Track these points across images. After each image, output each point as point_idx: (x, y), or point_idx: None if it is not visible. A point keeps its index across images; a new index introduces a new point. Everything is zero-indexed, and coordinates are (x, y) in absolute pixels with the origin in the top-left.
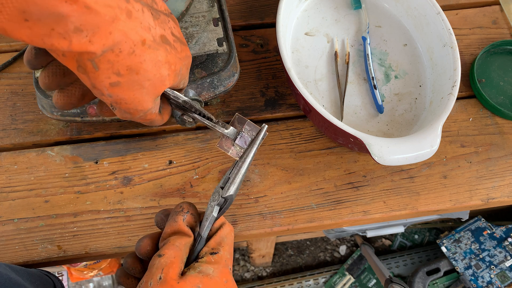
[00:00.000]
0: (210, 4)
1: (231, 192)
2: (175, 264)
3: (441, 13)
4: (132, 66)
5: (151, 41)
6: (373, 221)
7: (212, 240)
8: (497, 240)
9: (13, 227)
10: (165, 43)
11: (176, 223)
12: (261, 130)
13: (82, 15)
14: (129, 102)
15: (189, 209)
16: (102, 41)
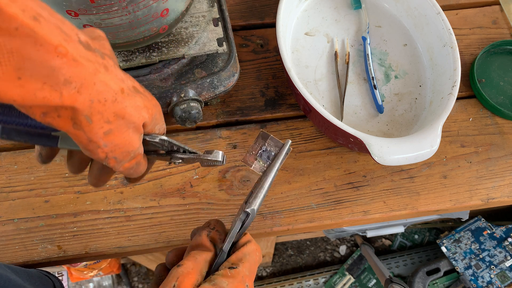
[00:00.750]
0: (210, 4)
1: (254, 207)
2: (191, 275)
3: (441, 13)
4: (118, 112)
5: (128, 89)
6: (373, 221)
7: (233, 255)
8: (497, 240)
9: (13, 227)
10: (138, 92)
11: (200, 237)
12: (285, 146)
13: (70, 68)
14: (122, 146)
15: (215, 225)
16: (88, 91)
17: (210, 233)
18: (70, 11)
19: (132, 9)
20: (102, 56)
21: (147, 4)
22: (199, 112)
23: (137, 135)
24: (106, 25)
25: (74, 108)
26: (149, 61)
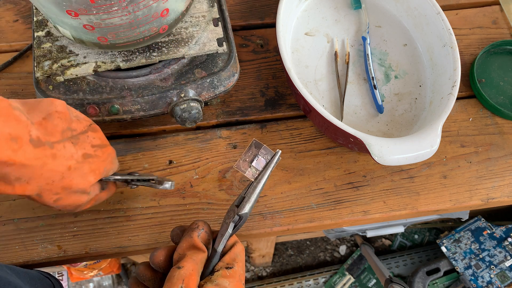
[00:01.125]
0: (210, 4)
1: (246, 210)
2: (193, 276)
3: (441, 13)
4: (65, 186)
5: (75, 164)
6: (373, 221)
7: (227, 256)
8: (497, 240)
9: (13, 227)
10: (88, 158)
11: (192, 238)
12: (275, 155)
13: (19, 170)
14: (70, 204)
15: (203, 227)
16: (36, 181)
17: (200, 234)
18: (70, 11)
19: (132, 9)
20: (51, 145)
21: (147, 4)
22: (199, 112)
23: (85, 196)
24: (106, 25)
25: (26, 190)
26: (149, 61)
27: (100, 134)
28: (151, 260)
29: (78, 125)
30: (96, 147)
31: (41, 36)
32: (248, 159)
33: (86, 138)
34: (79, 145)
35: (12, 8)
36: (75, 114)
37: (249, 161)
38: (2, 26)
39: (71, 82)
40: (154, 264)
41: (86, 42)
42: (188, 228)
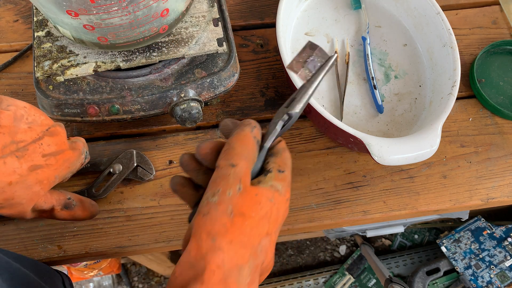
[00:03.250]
0: (210, 4)
1: (297, 110)
2: (248, 175)
3: (441, 13)
4: (6, 198)
5: (17, 178)
6: (373, 221)
7: (279, 158)
8: (497, 240)
9: (13, 227)
10: (36, 169)
11: (245, 133)
12: (331, 58)
13: None
14: (16, 214)
15: (255, 125)
16: None
17: (253, 130)
18: (70, 11)
19: (132, 9)
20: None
21: (147, 4)
22: (199, 112)
23: (30, 207)
24: (106, 25)
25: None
26: (149, 61)
27: (58, 138)
28: (198, 151)
29: (28, 135)
30: (48, 156)
31: (41, 36)
32: (301, 60)
33: (37, 147)
34: (25, 157)
35: (12, 8)
36: (30, 120)
37: (302, 62)
38: (2, 26)
39: (71, 82)
40: (200, 155)
41: (86, 42)
42: (240, 124)
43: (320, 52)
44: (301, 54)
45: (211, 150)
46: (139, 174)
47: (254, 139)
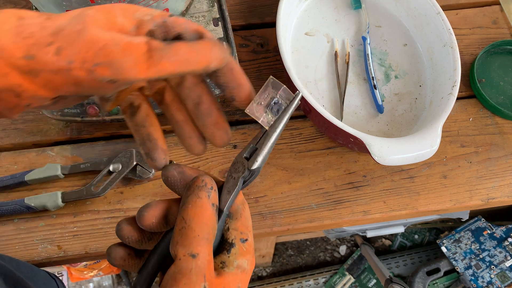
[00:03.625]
0: (210, 4)
1: (259, 165)
2: (211, 264)
3: (441, 13)
4: (53, 31)
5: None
6: (373, 221)
7: (239, 222)
8: (497, 240)
9: (13, 227)
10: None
11: (202, 202)
12: (295, 98)
13: None
14: (85, 49)
15: (212, 184)
16: (4, 37)
17: (210, 194)
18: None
19: None
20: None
21: (147, 5)
22: None
23: (98, 29)
24: None
25: (4, 57)
26: None
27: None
28: (141, 222)
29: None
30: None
31: None
32: (263, 103)
33: None
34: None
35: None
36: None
37: (264, 105)
38: None
39: None
40: (144, 226)
41: None
42: (194, 185)
43: (284, 92)
44: (263, 95)
45: (158, 219)
46: (138, 173)
47: (213, 209)
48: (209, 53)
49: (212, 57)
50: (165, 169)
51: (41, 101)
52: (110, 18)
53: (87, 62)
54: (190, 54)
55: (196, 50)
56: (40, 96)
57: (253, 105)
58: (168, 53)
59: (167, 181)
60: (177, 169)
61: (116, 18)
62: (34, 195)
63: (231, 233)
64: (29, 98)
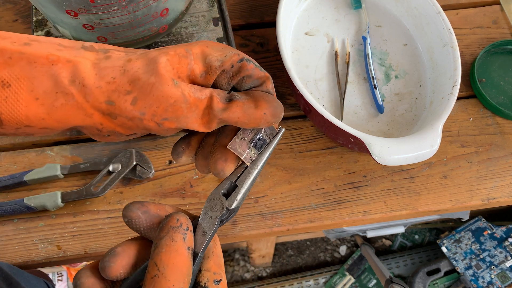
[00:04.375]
0: (210, 4)
1: (239, 204)
2: None
3: (441, 13)
4: (131, 79)
5: (138, 55)
6: (373, 221)
7: (211, 261)
8: (497, 240)
9: (13, 227)
10: (156, 51)
11: (176, 244)
12: (278, 133)
13: (68, 68)
14: (157, 103)
15: (187, 224)
16: (92, 80)
17: (186, 236)
18: (70, 11)
19: (132, 9)
20: (106, 51)
21: (146, 4)
22: None
23: (170, 84)
24: (105, 25)
25: (90, 100)
26: None
27: None
28: (106, 274)
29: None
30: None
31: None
32: (247, 138)
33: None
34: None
35: (12, 8)
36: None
37: (248, 141)
38: (2, 26)
39: None
40: (110, 278)
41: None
42: (167, 226)
43: (269, 127)
44: (247, 130)
45: (126, 269)
46: (138, 173)
47: (188, 253)
48: (259, 119)
49: (262, 121)
50: (126, 209)
51: (118, 135)
52: (181, 66)
53: (156, 116)
54: (242, 119)
55: (247, 115)
56: (117, 132)
57: (236, 141)
58: (222, 115)
59: (130, 223)
60: (141, 208)
61: (187, 65)
62: (33, 195)
63: (204, 275)
64: (108, 131)
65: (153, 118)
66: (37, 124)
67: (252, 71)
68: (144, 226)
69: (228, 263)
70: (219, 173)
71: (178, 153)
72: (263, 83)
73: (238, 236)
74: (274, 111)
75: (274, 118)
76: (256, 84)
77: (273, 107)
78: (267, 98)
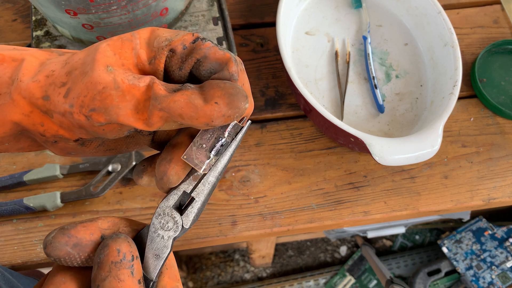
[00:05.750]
0: (209, 3)
1: (193, 221)
2: None
3: (442, 12)
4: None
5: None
6: (374, 221)
7: (165, 277)
8: (498, 240)
9: (12, 228)
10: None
11: (124, 284)
12: (242, 129)
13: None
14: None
15: (131, 251)
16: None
17: (133, 269)
18: (69, 10)
19: (132, 8)
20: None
21: (146, 3)
22: None
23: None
24: (105, 24)
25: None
26: None
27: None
28: None
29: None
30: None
31: (40, 35)
32: (205, 145)
33: None
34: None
35: (11, 8)
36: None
37: (207, 149)
38: (1, 25)
39: None
40: None
41: (85, 41)
42: (107, 262)
43: (235, 128)
44: (205, 134)
45: None
46: None
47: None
48: (210, 110)
49: (214, 114)
50: (50, 246)
51: (64, 141)
52: (124, 52)
53: (84, 107)
54: (187, 110)
55: (194, 106)
56: (61, 135)
57: (192, 149)
58: (162, 103)
59: (61, 263)
60: (69, 241)
61: (132, 50)
62: (33, 195)
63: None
64: (53, 136)
65: (81, 110)
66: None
67: (206, 51)
68: (79, 261)
69: (228, 263)
70: (162, 177)
71: (138, 173)
72: (224, 66)
73: (238, 236)
74: (230, 99)
75: (231, 109)
76: (216, 68)
77: (228, 95)
78: (223, 84)
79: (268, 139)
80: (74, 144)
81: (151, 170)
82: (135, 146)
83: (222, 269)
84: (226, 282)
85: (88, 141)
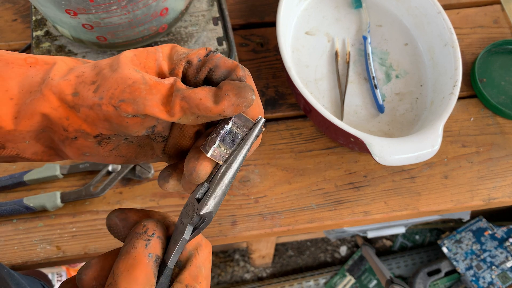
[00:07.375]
0: (209, 3)
1: (210, 209)
2: None
3: (442, 12)
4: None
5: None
6: (374, 221)
7: (186, 273)
8: (498, 240)
9: (12, 228)
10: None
11: (135, 251)
12: (257, 125)
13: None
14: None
15: (155, 230)
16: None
17: (149, 243)
18: (69, 10)
19: (132, 8)
20: (85, 62)
21: (146, 3)
22: None
23: (130, 68)
24: (105, 24)
25: (56, 92)
26: None
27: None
28: (79, 285)
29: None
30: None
31: (40, 35)
32: (215, 134)
33: None
34: None
35: (11, 8)
36: None
37: (214, 136)
38: (1, 25)
39: None
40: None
41: (85, 41)
42: (133, 233)
43: (240, 119)
44: (216, 128)
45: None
46: (137, 173)
47: (149, 260)
48: (223, 102)
49: (225, 104)
50: (107, 217)
51: (84, 136)
52: (149, 62)
53: (113, 98)
54: (205, 100)
55: (209, 97)
56: (83, 130)
57: (207, 140)
58: (184, 93)
59: (111, 231)
60: (120, 215)
61: (155, 61)
62: (33, 195)
63: (174, 287)
64: (75, 131)
65: (110, 101)
66: (6, 125)
67: (217, 60)
68: (123, 234)
69: (228, 263)
70: (191, 173)
71: (164, 177)
72: (232, 72)
73: (238, 236)
74: (238, 90)
75: (240, 98)
76: (226, 74)
77: (237, 87)
78: (233, 82)
79: (268, 139)
80: (92, 142)
81: (176, 174)
82: (143, 157)
83: (222, 269)
84: (226, 282)
85: (106, 139)
